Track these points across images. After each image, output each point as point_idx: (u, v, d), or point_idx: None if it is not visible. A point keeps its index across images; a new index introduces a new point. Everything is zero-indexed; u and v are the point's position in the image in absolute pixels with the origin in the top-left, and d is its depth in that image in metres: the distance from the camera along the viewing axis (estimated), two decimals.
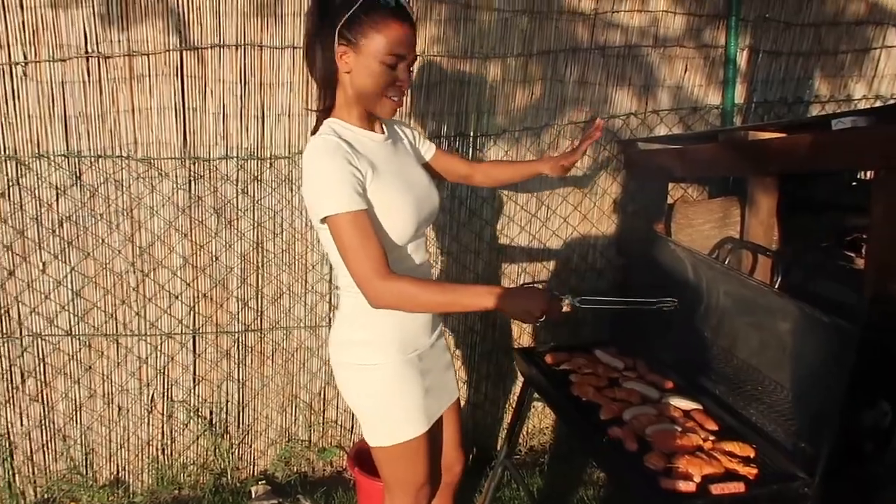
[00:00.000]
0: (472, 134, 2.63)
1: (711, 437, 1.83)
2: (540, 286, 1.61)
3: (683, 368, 2.19)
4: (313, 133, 1.63)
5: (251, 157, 2.43)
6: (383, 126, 1.73)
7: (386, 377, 1.68)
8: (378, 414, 1.71)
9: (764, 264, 2.33)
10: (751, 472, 1.68)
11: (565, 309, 1.60)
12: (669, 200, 2.86)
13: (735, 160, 2.23)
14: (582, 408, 1.98)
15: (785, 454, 1.76)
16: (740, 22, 2.84)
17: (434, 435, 1.84)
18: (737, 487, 1.61)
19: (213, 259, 2.49)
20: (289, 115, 2.43)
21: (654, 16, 2.76)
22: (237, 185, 2.44)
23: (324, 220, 1.51)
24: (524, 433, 3.03)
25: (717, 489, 1.60)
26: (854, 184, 2.75)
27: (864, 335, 1.66)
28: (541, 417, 3.05)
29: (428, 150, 1.98)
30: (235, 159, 2.42)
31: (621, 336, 2.47)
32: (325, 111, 1.65)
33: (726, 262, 2.36)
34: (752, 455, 1.76)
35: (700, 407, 1.98)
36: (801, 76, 3.09)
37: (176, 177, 2.38)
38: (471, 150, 2.65)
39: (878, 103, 3.18)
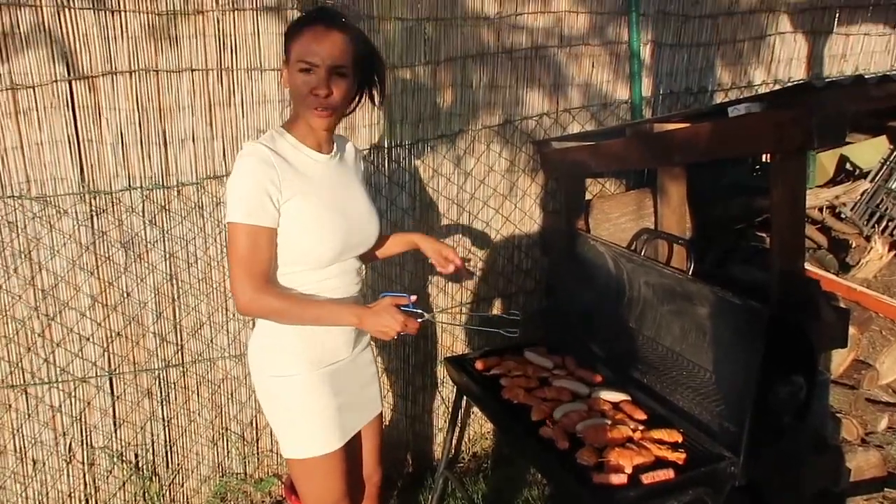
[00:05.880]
0: (386, 145, 2.60)
1: (641, 427, 1.84)
2: (403, 299, 1.64)
3: (612, 362, 2.21)
4: None
5: (157, 186, 2.33)
6: (335, 145, 1.72)
7: (297, 389, 1.67)
8: (289, 426, 1.70)
9: (679, 252, 2.38)
10: (679, 457, 1.71)
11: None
12: (589, 196, 2.90)
13: (642, 152, 2.27)
14: (514, 411, 1.97)
15: (711, 436, 1.79)
16: (640, 17, 2.91)
17: (352, 449, 1.81)
18: (666, 475, 1.63)
19: (125, 296, 2.38)
20: (193, 140, 2.35)
21: (557, 16, 2.80)
22: (144, 217, 2.34)
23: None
24: (466, 440, 3.00)
25: (647, 478, 1.61)
26: (757, 167, 2.86)
27: (773, 313, 1.71)
28: (481, 423, 3.03)
29: None
30: (140, 190, 2.32)
31: (552, 335, 2.48)
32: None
33: (643, 253, 2.40)
34: (679, 440, 1.79)
35: (628, 398, 2.00)
36: (703, 66, 3.19)
37: (76, 213, 2.26)
38: (387, 161, 2.62)
39: (776, 87, 3.32)
